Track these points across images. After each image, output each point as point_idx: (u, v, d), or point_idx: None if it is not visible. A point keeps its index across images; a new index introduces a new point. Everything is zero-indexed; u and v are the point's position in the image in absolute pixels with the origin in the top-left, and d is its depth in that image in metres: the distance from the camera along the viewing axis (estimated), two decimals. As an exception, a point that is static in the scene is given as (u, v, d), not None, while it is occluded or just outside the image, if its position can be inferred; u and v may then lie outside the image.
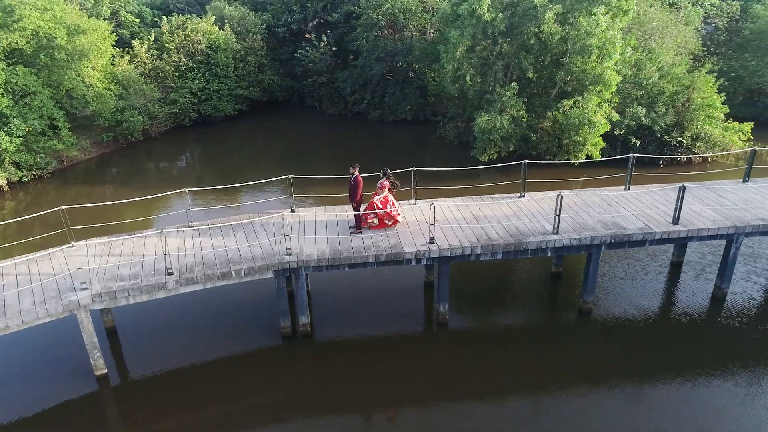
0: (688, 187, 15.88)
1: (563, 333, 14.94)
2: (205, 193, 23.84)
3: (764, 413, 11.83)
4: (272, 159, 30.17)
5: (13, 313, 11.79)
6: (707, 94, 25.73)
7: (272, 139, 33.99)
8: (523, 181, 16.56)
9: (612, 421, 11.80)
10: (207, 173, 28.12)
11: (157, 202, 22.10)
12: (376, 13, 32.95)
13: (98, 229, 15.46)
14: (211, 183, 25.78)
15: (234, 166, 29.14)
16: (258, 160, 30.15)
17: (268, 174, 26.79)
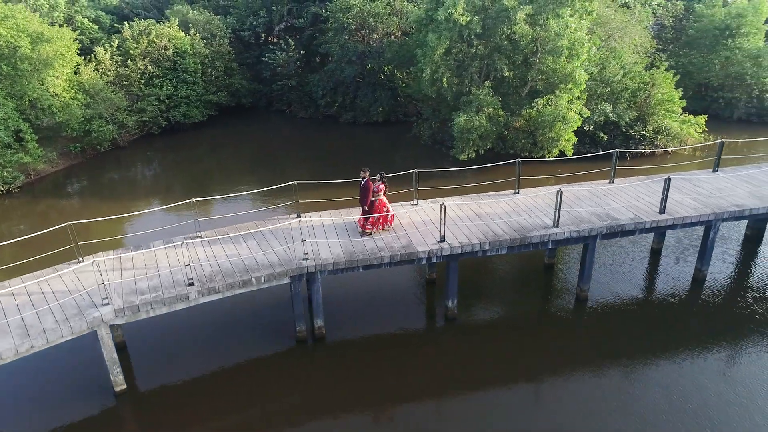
0: (668, 174, 17.17)
1: (564, 319, 15.87)
2: (204, 201, 23.68)
3: (740, 383, 12.98)
4: (245, 165, 29.95)
5: (36, 333, 11.59)
6: (666, 89, 27.48)
7: (243, 144, 33.71)
8: (518, 179, 17.40)
9: (613, 397, 12.71)
10: (180, 182, 27.68)
11: (159, 213, 21.72)
12: (346, 17, 33.28)
13: (105, 243, 15.20)
14: (185, 191, 25.69)
15: (207, 173, 28.85)
16: (230, 167, 29.74)
17: (240, 181, 27.11)
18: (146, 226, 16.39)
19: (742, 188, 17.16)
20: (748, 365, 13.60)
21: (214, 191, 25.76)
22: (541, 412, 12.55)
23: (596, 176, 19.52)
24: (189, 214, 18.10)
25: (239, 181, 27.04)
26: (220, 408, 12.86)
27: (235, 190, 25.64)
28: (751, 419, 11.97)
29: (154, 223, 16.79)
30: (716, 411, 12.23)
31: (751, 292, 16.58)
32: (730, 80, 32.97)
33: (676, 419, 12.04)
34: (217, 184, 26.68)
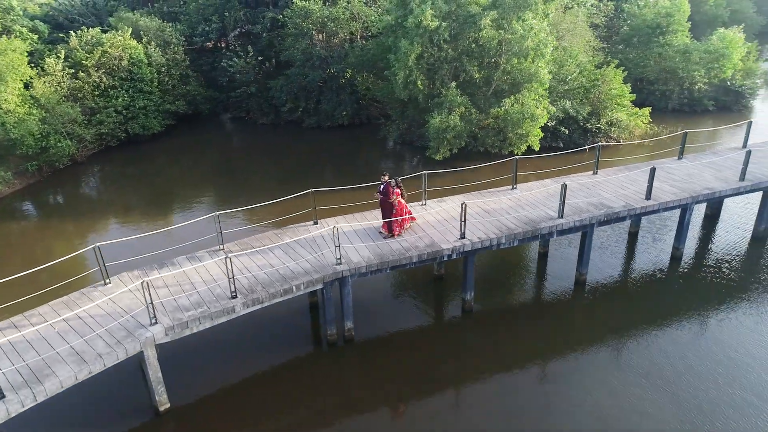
0: (639, 166, 19.04)
1: (569, 302, 17.25)
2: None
3: (714, 345, 14.81)
4: (208, 175, 29.41)
5: (91, 358, 11.41)
6: (616, 85, 29.86)
7: (204, 153, 33.08)
8: (515, 175, 18.63)
9: (628, 367, 14.20)
10: (146, 196, 26.76)
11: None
12: (306, 23, 33.49)
13: (130, 263, 14.89)
14: (148, 204, 25.38)
15: (170, 185, 28.16)
16: (193, 178, 29.14)
17: (205, 191, 26.89)
18: (163, 242, 16.14)
19: (708, 173, 19.28)
20: (737, 328, 15.48)
21: (177, 205, 25.44)
22: (560, 388, 13.65)
23: (575, 169, 21.17)
24: (196, 230, 17.99)
25: (204, 192, 26.92)
26: (261, 415, 13.13)
27: (198, 200, 25.62)
28: (734, 377, 13.75)
29: (172, 238, 16.53)
30: (700, 370, 13.93)
31: (723, 264, 18.70)
32: (663, 74, 36.12)
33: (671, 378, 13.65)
34: (182, 198, 26.27)
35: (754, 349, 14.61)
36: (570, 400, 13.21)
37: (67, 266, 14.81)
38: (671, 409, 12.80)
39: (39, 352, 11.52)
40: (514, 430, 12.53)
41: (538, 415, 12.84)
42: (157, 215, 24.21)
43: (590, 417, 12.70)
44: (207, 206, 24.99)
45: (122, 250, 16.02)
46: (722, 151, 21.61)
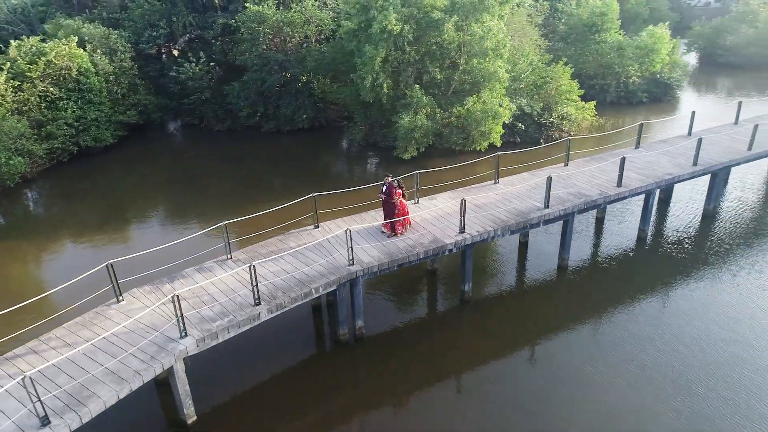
0: (603, 156, 20.72)
1: (555, 285, 18.57)
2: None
3: (679, 315, 16.49)
4: (166, 185, 28.71)
5: (129, 375, 11.33)
6: (565, 81, 31.86)
7: (160, 163, 32.09)
8: (497, 170, 19.75)
9: (597, 342, 15.64)
10: (105, 209, 25.80)
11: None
12: (262, 27, 33.34)
13: (142, 279, 14.64)
14: (109, 220, 24.54)
15: (127, 198, 27.30)
16: (151, 189, 28.32)
17: (163, 202, 26.52)
18: (165, 255, 15.86)
19: (664, 160, 21.23)
20: (699, 295, 17.29)
21: (136, 217, 24.90)
22: (551, 366, 14.78)
23: (547, 162, 22.63)
24: (196, 241, 17.85)
25: (162, 203, 26.48)
26: (284, 418, 13.44)
27: (156, 212, 25.23)
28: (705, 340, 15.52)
29: (173, 250, 16.25)
30: (666, 337, 15.61)
31: (682, 240, 20.69)
32: (601, 69, 38.73)
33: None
34: (141, 210, 25.66)
35: (712, 314, 16.41)
36: (561, 376, 14.37)
37: (74, 285, 14.32)
38: (645, 373, 14.27)
39: (71, 375, 11.29)
40: (517, 407, 13.48)
41: (535, 392, 13.88)
42: (119, 230, 23.59)
43: (578, 387, 13.91)
44: (166, 217, 24.63)
45: (124, 266, 15.66)
46: (672, 139, 23.76)
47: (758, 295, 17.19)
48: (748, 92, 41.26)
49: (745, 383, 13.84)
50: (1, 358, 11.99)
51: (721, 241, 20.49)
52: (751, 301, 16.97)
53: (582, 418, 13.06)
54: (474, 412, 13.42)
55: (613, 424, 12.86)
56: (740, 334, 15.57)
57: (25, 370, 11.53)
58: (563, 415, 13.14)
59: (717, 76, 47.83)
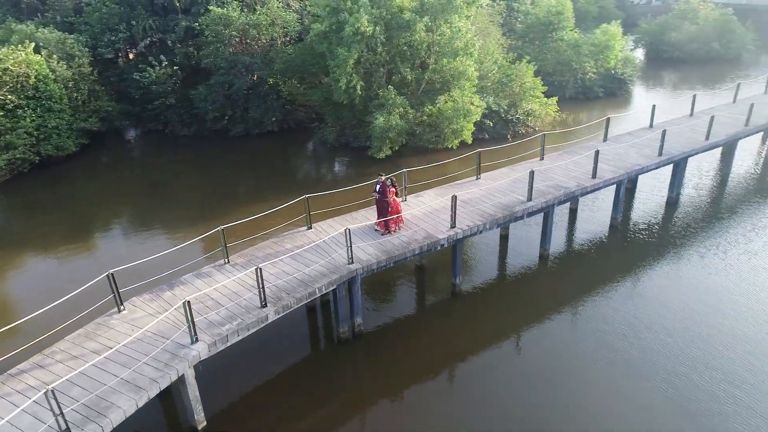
0: (575, 150, 21.76)
1: (538, 274, 19.40)
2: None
3: (654, 296, 17.60)
4: (140, 194, 28.02)
5: (145, 383, 11.29)
6: (529, 78, 33.01)
7: (125, 171, 31.11)
8: (478, 166, 20.43)
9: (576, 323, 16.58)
10: (71, 220, 25.14)
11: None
12: (228, 30, 33.03)
13: (143, 287, 14.44)
14: (76, 231, 23.93)
15: (96, 207, 26.51)
16: (117, 198, 27.60)
17: (129, 211, 26.02)
18: (162, 262, 15.65)
19: (632, 152, 22.46)
20: (668, 277, 18.48)
21: (106, 228, 24.35)
22: (534, 353, 15.55)
23: (523, 157, 23.53)
24: (190, 249, 17.70)
25: (131, 213, 25.93)
26: (288, 419, 13.60)
27: (126, 222, 24.87)
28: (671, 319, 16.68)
29: (166, 258, 16.04)
30: (642, 318, 16.70)
31: (651, 226, 21.96)
32: (559, 66, 40.23)
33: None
34: (109, 220, 25.08)
35: (684, 292, 17.63)
36: (546, 360, 15.16)
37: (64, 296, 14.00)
38: (619, 352, 15.25)
39: (85, 388, 11.14)
40: (510, 393, 14.16)
41: (524, 377, 14.62)
42: (87, 241, 23.06)
43: (562, 370, 14.73)
44: (139, 227, 24.13)
45: (118, 276, 15.40)
46: (636, 132, 25.09)
47: (725, 273, 18.52)
48: (693, 85, 43.73)
49: (720, 351, 14.96)
50: (5, 375, 11.67)
51: (687, 225, 21.87)
52: (720, 278, 18.27)
53: (566, 397, 13.78)
54: (470, 401, 13.92)
55: (595, 401, 13.67)
56: (711, 307, 16.78)
57: (34, 385, 11.33)
58: (550, 396, 13.83)
59: (663, 71, 50.38)
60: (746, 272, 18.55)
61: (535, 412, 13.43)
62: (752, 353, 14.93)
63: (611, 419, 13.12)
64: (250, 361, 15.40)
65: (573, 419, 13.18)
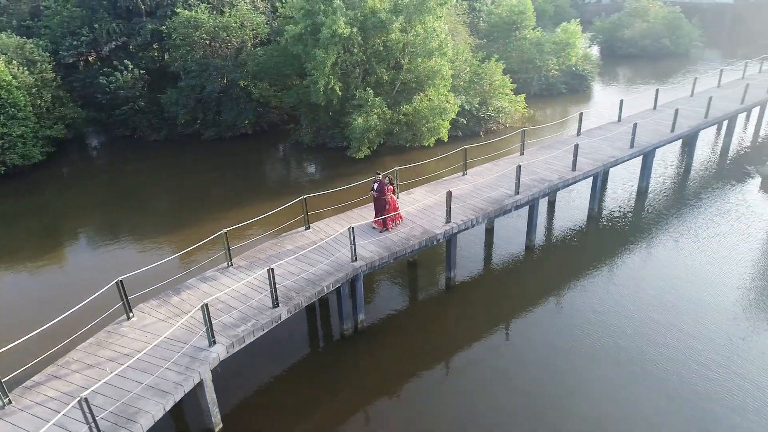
0: (552, 144, 22.71)
1: (526, 264, 20.19)
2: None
3: (633, 280, 18.68)
4: (112, 201, 27.28)
5: (170, 387, 11.32)
6: (498, 76, 34.00)
7: (94, 178, 30.43)
8: (465, 162, 21.07)
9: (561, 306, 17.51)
10: (41, 231, 24.66)
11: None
12: (198, 33, 32.65)
13: (151, 293, 14.32)
14: (47, 241, 23.53)
15: (64, 217, 26.02)
16: (92, 205, 27.06)
17: (101, 220, 25.67)
18: (161, 269, 15.53)
19: (605, 145, 23.59)
20: (646, 261, 19.63)
21: (69, 238, 23.94)
22: (527, 339, 16.30)
23: (504, 153, 24.34)
24: (187, 254, 17.59)
25: (104, 221, 25.35)
26: (299, 417, 13.87)
27: (100, 231, 24.40)
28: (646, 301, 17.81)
29: (168, 264, 15.90)
30: (620, 301, 17.78)
31: (625, 214, 23.15)
32: (524, 64, 41.51)
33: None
34: (84, 228, 24.61)
35: (661, 274, 18.77)
36: (534, 346, 15.94)
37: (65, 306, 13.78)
38: (599, 334, 16.23)
39: (108, 395, 11.10)
40: (502, 379, 14.86)
41: (517, 364, 15.33)
42: (62, 251, 22.72)
43: (549, 355, 15.52)
44: (108, 235, 23.66)
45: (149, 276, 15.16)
46: (606, 126, 26.32)
47: (698, 255, 19.79)
48: (648, 80, 45.94)
49: (697, 325, 16.09)
50: (21, 388, 11.47)
51: (659, 212, 23.17)
52: (694, 259, 19.53)
53: (553, 381, 14.52)
54: (467, 389, 14.47)
55: (580, 381, 14.52)
56: (688, 286, 17.95)
57: (54, 396, 11.21)
58: (539, 381, 14.54)
59: (618, 67, 52.55)
60: (718, 252, 19.86)
61: (530, 396, 14.05)
62: (736, 325, 16.11)
63: (601, 401, 13.95)
64: (258, 361, 15.51)
65: (569, 407, 13.86)
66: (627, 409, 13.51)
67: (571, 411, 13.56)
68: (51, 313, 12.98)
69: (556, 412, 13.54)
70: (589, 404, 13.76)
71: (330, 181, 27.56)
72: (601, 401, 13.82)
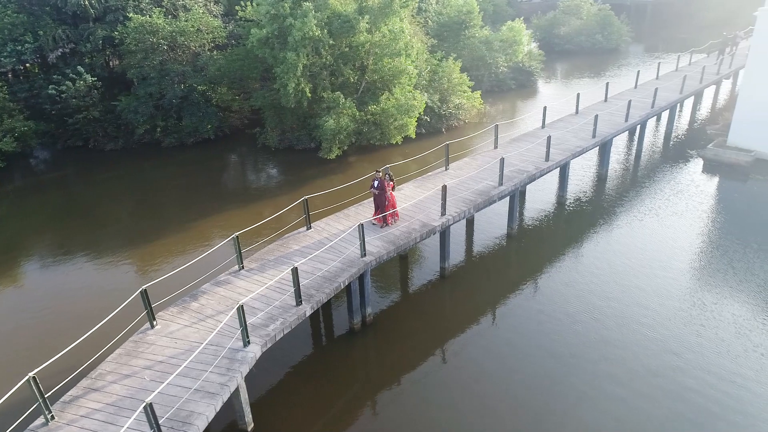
0: (520, 137, 24.19)
1: (507, 251, 21.44)
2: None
3: (605, 257, 20.47)
4: (72, 216, 26.45)
5: (216, 388, 11.54)
6: (456, 75, 35.37)
7: (52, 193, 29.08)
8: (447, 157, 22.07)
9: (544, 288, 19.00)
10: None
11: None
12: (156, 38, 31.95)
13: (169, 301, 14.24)
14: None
15: (14, 234, 25.04)
16: (52, 222, 26.09)
17: (61, 236, 25.08)
18: (175, 278, 15.41)
19: (569, 136, 25.30)
20: (610, 242, 21.41)
21: (25, 254, 23.30)
22: (514, 322, 17.50)
23: (479, 148, 25.53)
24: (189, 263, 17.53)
25: (63, 237, 24.50)
26: (322, 411, 14.36)
27: (63, 247, 23.63)
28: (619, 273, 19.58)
29: (178, 274, 15.77)
30: (598, 278, 19.48)
31: (590, 199, 24.95)
32: (475, 62, 43.20)
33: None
34: (32, 247, 23.87)
35: (630, 250, 20.54)
36: (519, 328, 17.26)
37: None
38: (582, 313, 17.74)
39: (156, 402, 11.18)
40: (493, 360, 16.02)
41: (506, 345, 16.43)
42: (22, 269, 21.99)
43: (534, 332, 16.88)
44: (65, 251, 22.96)
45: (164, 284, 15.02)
46: (566, 118, 28.16)
47: (661, 231, 21.75)
48: (586, 74, 48.95)
49: (672, 291, 17.89)
50: (60, 403, 11.34)
51: (621, 195, 25.13)
52: (658, 234, 21.45)
53: (538, 354, 15.84)
54: (465, 375, 15.29)
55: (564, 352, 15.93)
56: (654, 261, 19.79)
57: (97, 408, 11.19)
58: (534, 360, 15.74)
59: (557, 62, 55.48)
60: (680, 228, 21.91)
61: (525, 380, 14.98)
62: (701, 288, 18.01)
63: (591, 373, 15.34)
64: (273, 360, 15.80)
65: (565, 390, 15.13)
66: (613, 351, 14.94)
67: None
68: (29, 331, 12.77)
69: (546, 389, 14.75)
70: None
71: (305, 182, 27.91)
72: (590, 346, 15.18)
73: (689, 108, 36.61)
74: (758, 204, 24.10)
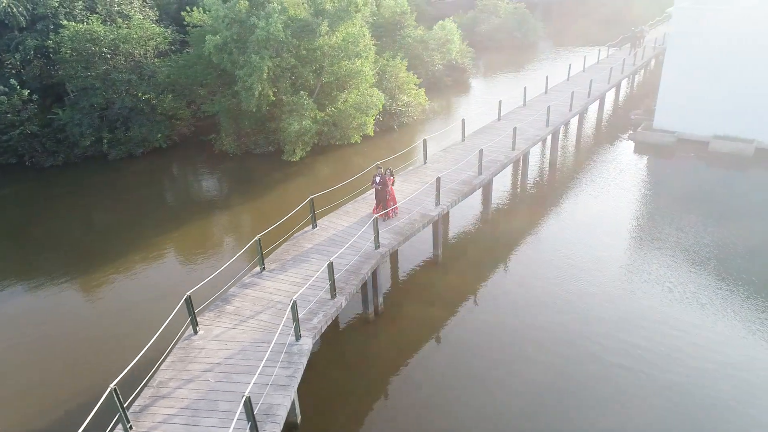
0: (483, 129, 26.12)
1: (485, 234, 23.14)
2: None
3: (571, 229, 23.10)
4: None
5: (285, 381, 12.07)
6: (403, 73, 36.81)
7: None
8: (425, 151, 23.39)
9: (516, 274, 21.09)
10: None
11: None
12: (98, 47, 30.63)
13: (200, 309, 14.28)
14: None
15: None
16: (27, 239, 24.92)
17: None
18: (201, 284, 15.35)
19: (526, 125, 27.46)
20: (577, 215, 23.84)
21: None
22: (507, 300, 19.54)
23: (445, 143, 27.07)
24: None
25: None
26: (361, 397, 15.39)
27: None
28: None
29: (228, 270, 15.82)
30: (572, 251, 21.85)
31: (547, 181, 27.30)
32: (412, 60, 44.78)
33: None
34: None
35: (591, 221, 23.04)
36: (501, 305, 19.17)
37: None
38: (555, 285, 20.01)
39: (231, 400, 11.56)
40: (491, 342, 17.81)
41: (495, 322, 18.38)
42: None
43: (519, 306, 18.89)
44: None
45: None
46: (516, 110, 30.44)
47: (614, 204, 24.47)
48: (509, 69, 52.23)
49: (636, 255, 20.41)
50: (131, 414, 11.37)
51: (574, 175, 27.72)
52: (610, 206, 24.14)
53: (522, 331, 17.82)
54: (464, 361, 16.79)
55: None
56: (608, 221, 22.35)
57: (174, 413, 11.38)
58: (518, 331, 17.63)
59: (481, 59, 58.48)
60: (630, 200, 24.72)
61: (514, 353, 16.79)
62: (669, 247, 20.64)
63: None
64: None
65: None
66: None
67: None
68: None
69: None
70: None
71: (274, 185, 28.19)
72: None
73: (612, 97, 40.48)
74: (682, 177, 27.66)
